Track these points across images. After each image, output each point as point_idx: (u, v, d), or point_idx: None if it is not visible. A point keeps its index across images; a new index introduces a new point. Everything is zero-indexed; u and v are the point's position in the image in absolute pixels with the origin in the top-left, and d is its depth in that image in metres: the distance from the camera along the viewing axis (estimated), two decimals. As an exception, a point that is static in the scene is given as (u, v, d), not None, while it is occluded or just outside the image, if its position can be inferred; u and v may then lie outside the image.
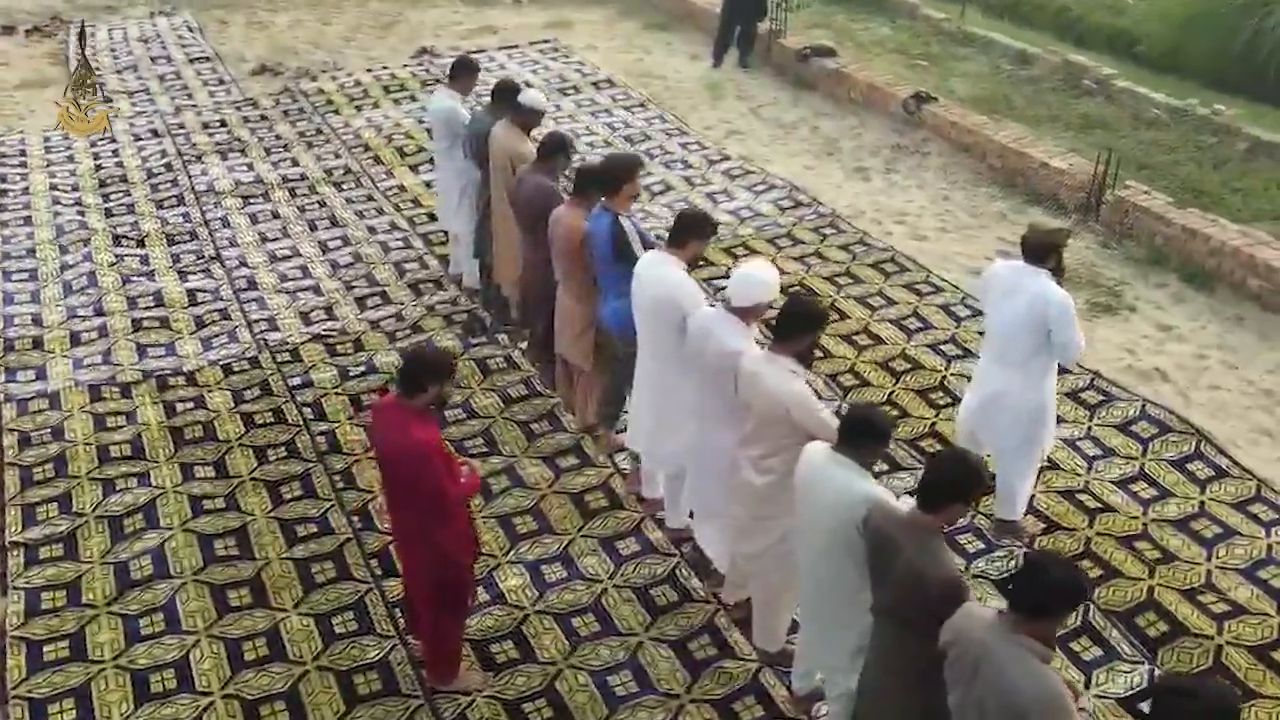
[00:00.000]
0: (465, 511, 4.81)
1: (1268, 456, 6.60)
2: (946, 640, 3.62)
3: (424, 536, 4.62)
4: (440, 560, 4.68)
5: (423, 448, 4.44)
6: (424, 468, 4.45)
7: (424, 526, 4.60)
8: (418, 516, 4.59)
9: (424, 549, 4.66)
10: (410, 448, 4.44)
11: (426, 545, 4.64)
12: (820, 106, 11.54)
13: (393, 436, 4.50)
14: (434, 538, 4.63)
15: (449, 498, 4.57)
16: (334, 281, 8.47)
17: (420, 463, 4.45)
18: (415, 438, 4.45)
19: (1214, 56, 14.14)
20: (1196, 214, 8.63)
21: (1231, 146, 10.87)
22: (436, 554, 4.66)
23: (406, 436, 4.45)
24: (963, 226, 9.15)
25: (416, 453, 4.43)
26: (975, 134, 10.12)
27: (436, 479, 4.49)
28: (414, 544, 4.69)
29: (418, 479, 4.47)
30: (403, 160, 10.46)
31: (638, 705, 5.04)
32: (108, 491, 6.28)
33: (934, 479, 3.81)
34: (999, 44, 13.57)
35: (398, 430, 4.48)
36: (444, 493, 4.54)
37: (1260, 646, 5.30)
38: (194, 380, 7.30)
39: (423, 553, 4.67)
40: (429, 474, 4.47)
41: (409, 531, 4.68)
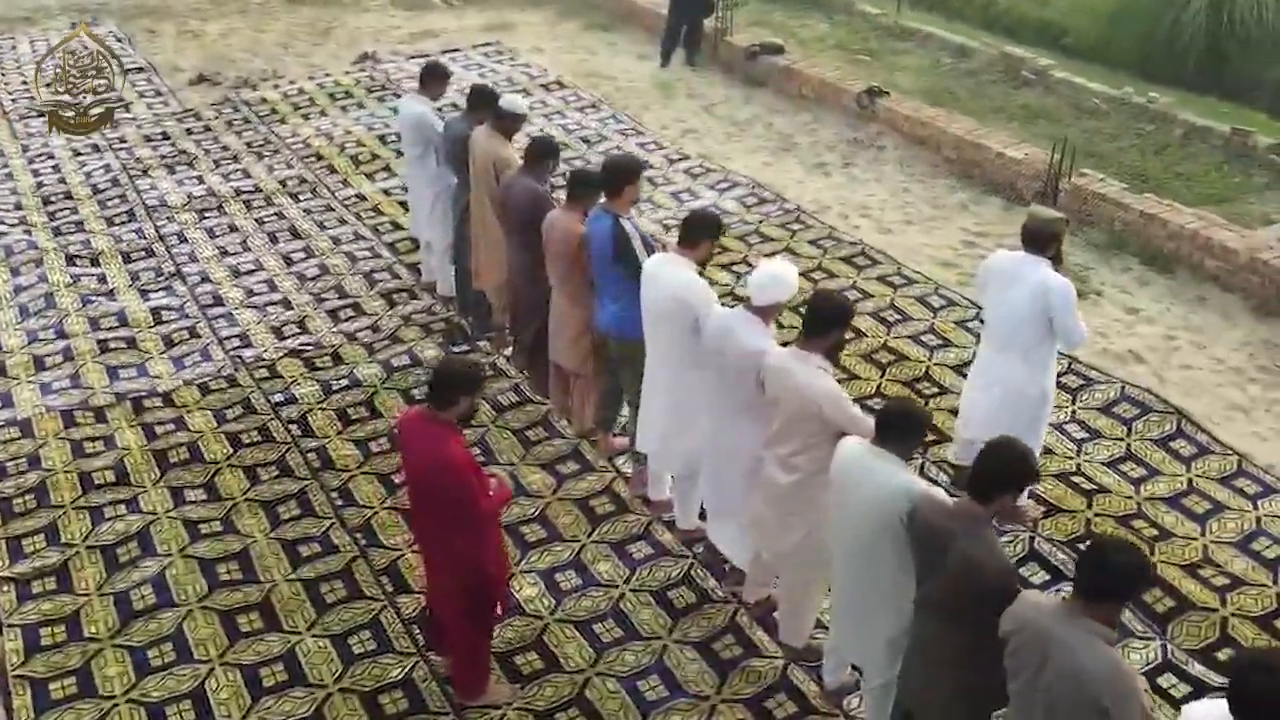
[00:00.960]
0: (497, 524, 4.75)
1: (1243, 432, 6.82)
2: (1009, 629, 3.67)
3: (455, 550, 4.56)
4: (472, 573, 4.62)
5: (455, 461, 4.38)
6: (456, 481, 4.39)
7: (455, 540, 4.53)
8: (449, 530, 4.52)
9: (456, 562, 4.59)
10: (443, 461, 4.37)
11: (458, 558, 4.58)
12: (772, 103, 11.63)
13: (423, 450, 4.43)
14: (466, 551, 4.57)
15: (482, 511, 4.52)
16: (303, 295, 8.29)
17: (452, 476, 4.38)
18: (447, 451, 4.39)
19: (1138, 46, 14.60)
20: (1153, 199, 8.89)
21: (1169, 133, 11.22)
22: (468, 567, 4.60)
23: (438, 450, 4.38)
24: (926, 218, 9.30)
25: (449, 466, 4.37)
26: (929, 126, 10.29)
27: (469, 492, 4.43)
28: (445, 557, 4.62)
29: (450, 493, 4.41)
30: (358, 169, 10.28)
31: (670, 709, 5.02)
32: (96, 520, 6.07)
33: (986, 469, 3.86)
34: (937, 38, 13.81)
35: (428, 444, 4.41)
36: (477, 506, 4.48)
37: (1264, 616, 5.47)
38: (171, 401, 7.09)
39: (454, 566, 4.61)
40: (461, 487, 4.41)
41: (439, 545, 4.61)
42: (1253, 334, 7.77)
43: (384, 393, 7.13)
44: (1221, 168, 10.49)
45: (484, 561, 4.65)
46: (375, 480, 6.40)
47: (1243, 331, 7.80)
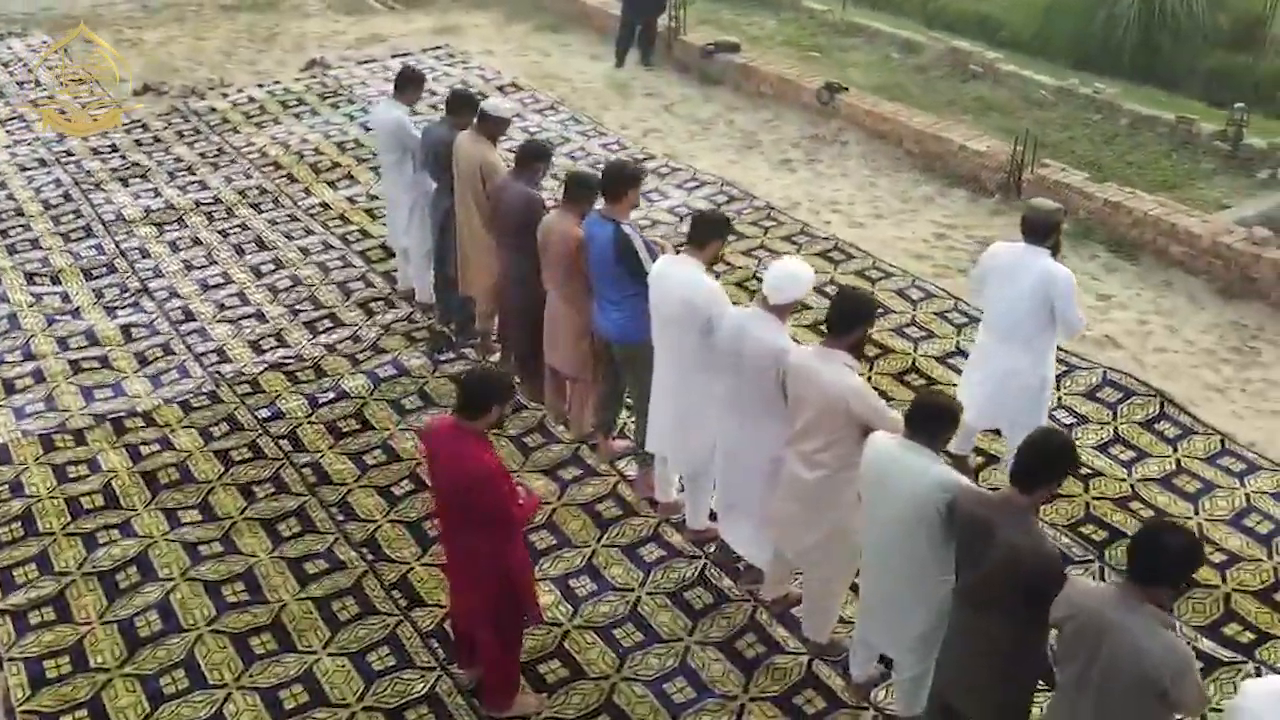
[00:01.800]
0: (523, 532, 4.71)
1: (1222, 411, 7.01)
2: (1062, 615, 3.72)
3: (489, 560, 4.51)
4: (505, 583, 4.58)
5: (489, 471, 4.33)
6: (490, 491, 4.34)
7: (490, 550, 4.49)
8: (483, 540, 4.47)
9: (487, 572, 4.54)
10: (476, 472, 4.32)
11: (490, 568, 4.53)
12: (731, 101, 11.68)
13: (455, 461, 4.37)
14: (499, 561, 4.53)
15: (515, 519, 4.48)
16: (278, 307, 8.13)
17: (486, 486, 4.33)
18: (480, 461, 4.34)
19: (1074, 38, 14.92)
20: (1114, 187, 9.10)
21: (1116, 122, 11.51)
22: (502, 577, 4.56)
23: (470, 460, 4.33)
24: (895, 212, 9.41)
25: (482, 476, 4.32)
26: (890, 121, 10.41)
27: (504, 502, 4.39)
28: (476, 568, 4.55)
29: (485, 502, 4.36)
30: (319, 177, 10.11)
31: (700, 710, 5.02)
32: (90, 546, 5.89)
33: (1030, 460, 3.91)
34: (884, 33, 13.99)
35: (460, 454, 4.35)
36: (510, 515, 4.44)
37: (1263, 590, 5.63)
38: (152, 420, 6.91)
39: (486, 576, 4.55)
40: (495, 497, 4.36)
41: (472, 556, 4.54)
42: (1220, 316, 7.99)
43: (373, 404, 7.02)
44: (1170, 155, 10.78)
45: (515, 570, 4.61)
46: (375, 493, 6.30)
47: (1210, 314, 8.02)
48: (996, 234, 8.99)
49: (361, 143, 10.70)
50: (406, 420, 6.88)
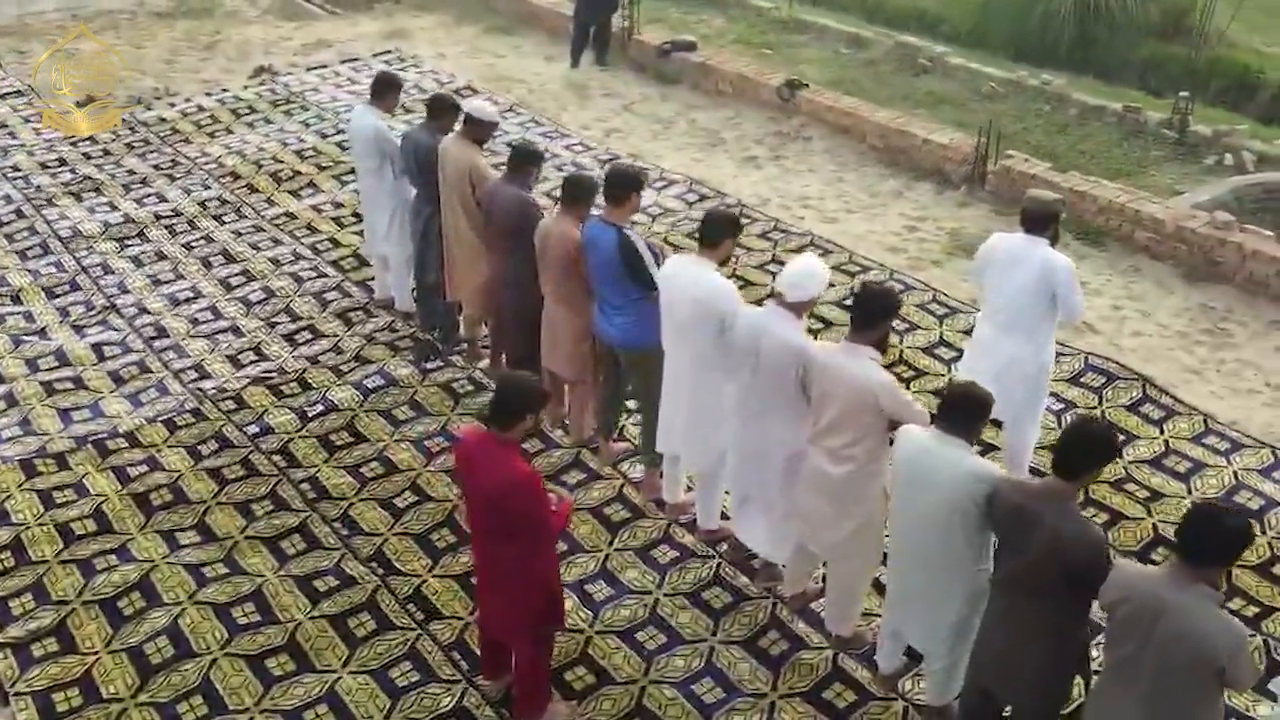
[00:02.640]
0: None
1: (1202, 392, 7.20)
2: (1114, 598, 3.79)
3: (527, 569, 4.47)
4: (541, 592, 4.55)
5: (528, 480, 4.29)
6: (529, 501, 4.30)
7: (527, 559, 4.45)
8: (521, 550, 4.42)
9: (526, 581, 4.50)
10: (514, 481, 4.27)
11: (529, 577, 4.49)
12: (691, 99, 11.71)
13: (493, 471, 4.30)
14: (536, 570, 4.49)
15: (553, 528, 4.44)
16: (253, 320, 7.97)
17: (525, 496, 4.29)
18: (519, 470, 4.30)
19: (1013, 32, 15.23)
20: (1078, 176, 9.30)
21: (1065, 113, 11.76)
22: (538, 586, 4.53)
23: (508, 470, 4.28)
24: (865, 206, 9.51)
25: (521, 486, 4.28)
26: (853, 116, 10.52)
27: (543, 511, 4.36)
28: (515, 577, 4.50)
29: (524, 512, 4.31)
30: (280, 186, 9.92)
31: (731, 710, 5.02)
32: (87, 573, 5.71)
33: (1073, 448, 3.98)
34: (831, 29, 14.14)
35: (497, 464, 4.30)
36: (548, 523, 4.40)
37: (1261, 565, 5.79)
38: (137, 441, 6.72)
39: (524, 586, 4.51)
40: (534, 507, 4.33)
41: (509, 565, 4.48)
42: (1188, 299, 8.21)
43: (364, 416, 6.91)
44: (1120, 144, 11.05)
45: (551, 579, 4.58)
46: (377, 506, 6.20)
47: (1179, 298, 8.23)
48: (965, 225, 9.19)
49: (320, 150, 10.53)
50: (400, 430, 6.78)
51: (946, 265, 8.53)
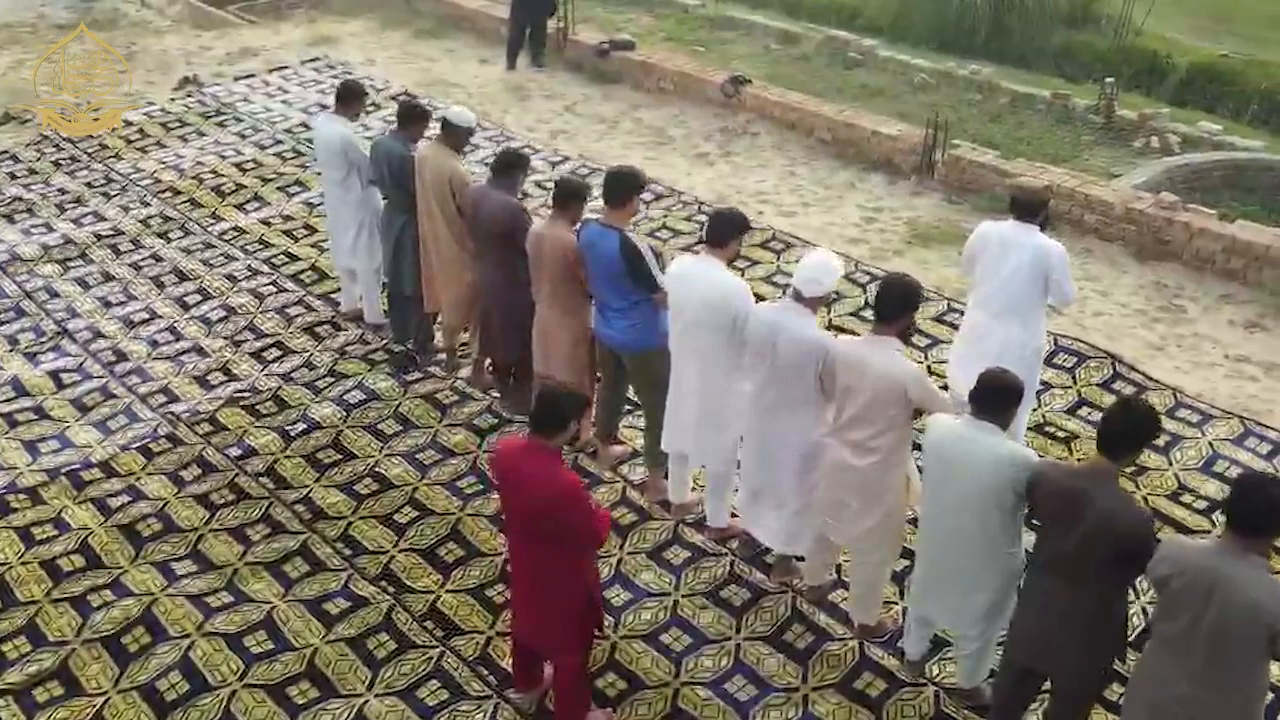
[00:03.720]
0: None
1: (1167, 367, 7.45)
2: (1167, 572, 3.88)
3: (572, 577, 4.44)
4: (584, 597, 4.53)
5: (574, 488, 4.26)
6: (578, 507, 4.27)
7: (573, 567, 4.42)
8: (566, 558, 4.39)
9: (570, 589, 4.47)
10: (561, 489, 4.23)
11: (575, 585, 4.47)
12: (633, 98, 11.70)
13: (537, 479, 4.25)
14: (582, 577, 4.48)
15: (599, 535, 4.41)
16: (215, 339, 7.72)
17: (573, 504, 4.25)
18: (564, 478, 4.27)
19: (933, 23, 15.56)
20: (1024, 162, 9.54)
21: (996, 101, 12.07)
22: (581, 592, 4.52)
23: (554, 479, 4.24)
24: (821, 199, 9.62)
25: (568, 494, 4.24)
26: (800, 110, 10.63)
27: (589, 518, 4.32)
28: (559, 586, 4.45)
29: (571, 519, 4.27)
30: (224, 200, 9.63)
31: (766, 706, 5.04)
32: (84, 611, 5.48)
33: (1119, 428, 4.08)
34: (758, 25, 14.27)
35: (540, 473, 4.25)
36: (595, 531, 4.37)
37: (1248, 530, 6.01)
38: (113, 470, 6.47)
39: (569, 593, 4.48)
40: (582, 514, 4.29)
41: (553, 575, 4.43)
42: (1142, 278, 8.49)
43: (349, 432, 6.76)
44: (1053, 130, 11.39)
45: (593, 584, 4.55)
46: (378, 524, 6.07)
47: (1133, 277, 8.50)
48: (920, 215, 9.36)
49: (261, 162, 10.26)
50: (390, 445, 6.65)
51: (908, 255, 8.67)
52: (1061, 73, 14.48)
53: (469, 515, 6.09)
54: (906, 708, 5.02)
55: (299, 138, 10.73)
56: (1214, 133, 11.15)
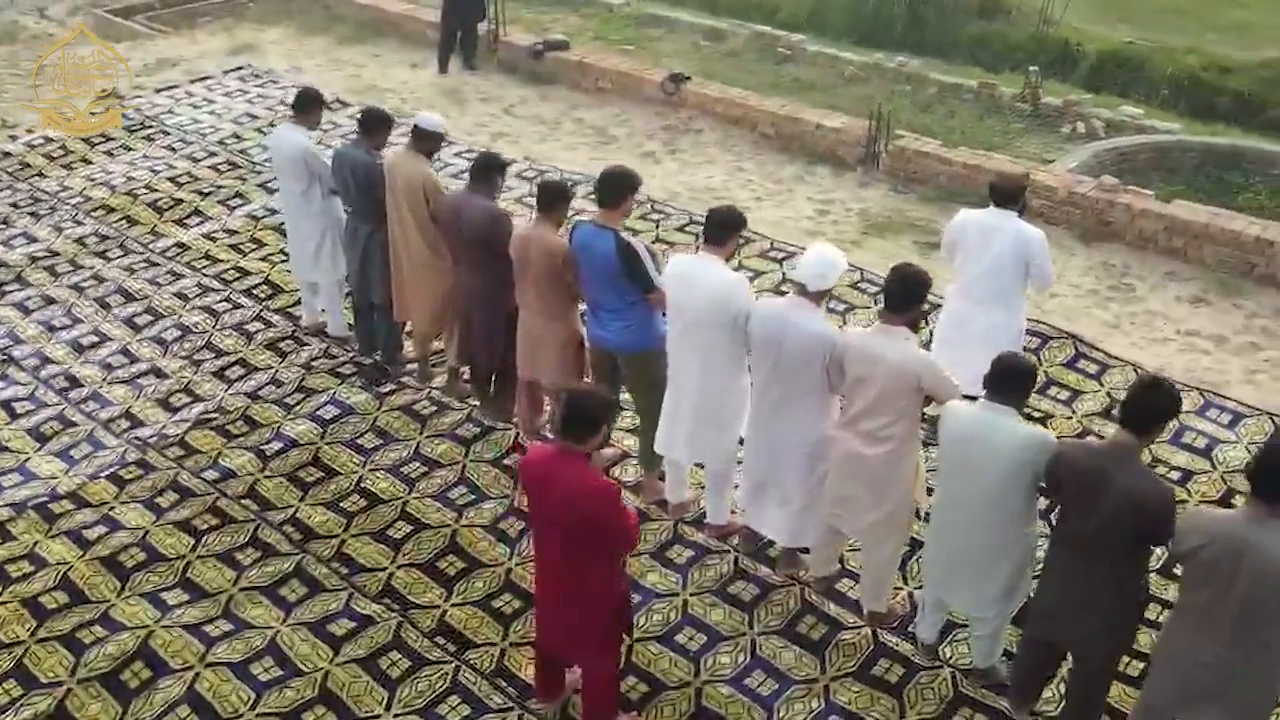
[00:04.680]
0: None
1: (1124, 344, 7.68)
2: (1195, 544, 4.00)
3: (607, 582, 4.42)
4: (617, 599, 4.51)
5: (611, 490, 4.23)
6: (614, 511, 4.24)
7: (607, 572, 4.40)
8: (603, 563, 4.36)
9: (607, 594, 4.44)
10: (598, 494, 4.20)
11: (610, 590, 4.45)
12: (571, 98, 11.64)
13: (572, 485, 4.19)
14: (615, 582, 4.46)
15: (634, 539, 4.39)
16: (173, 360, 7.48)
17: (609, 507, 4.22)
18: (600, 483, 4.25)
19: (850, 18, 15.83)
20: (968, 150, 9.75)
21: (925, 92, 12.31)
22: (615, 594, 4.49)
23: (588, 483, 4.21)
24: (771, 193, 9.69)
25: (605, 497, 4.21)
26: (742, 105, 10.70)
27: (625, 521, 4.30)
28: (593, 591, 4.40)
29: (608, 524, 4.23)
30: (162, 217, 9.32)
31: (789, 699, 5.06)
32: (75, 649, 5.25)
33: (1144, 405, 4.19)
34: (683, 22, 14.33)
35: (576, 478, 4.20)
36: (630, 534, 4.35)
37: (1222, 499, 6.23)
38: (83, 500, 6.22)
39: (603, 597, 4.44)
40: (618, 516, 4.27)
41: (588, 580, 4.38)
42: (1090, 259, 8.74)
43: (329, 449, 6.60)
44: (983, 119, 11.66)
45: (625, 586, 4.54)
46: (371, 540, 5.94)
47: (1081, 259, 8.75)
48: (870, 205, 9.51)
49: (196, 175, 9.95)
50: (372, 459, 6.51)
51: (866, 245, 8.79)
52: (977, 62, 14.81)
53: (464, 526, 6.00)
54: (926, 691, 5.09)
55: (232, 149, 10.45)
56: (1136, 116, 11.54)
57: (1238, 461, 6.41)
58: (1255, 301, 8.19)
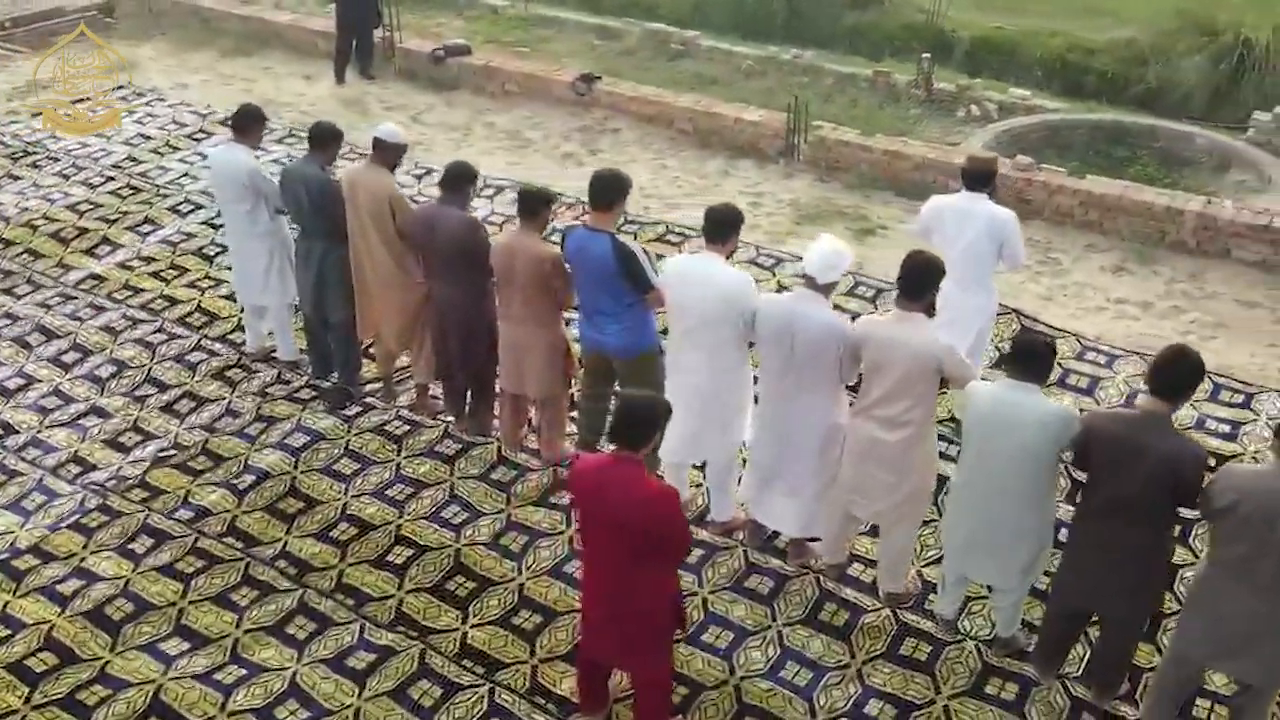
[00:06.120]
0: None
1: (1061, 315, 8.02)
2: (1231, 501, 4.19)
3: (662, 587, 4.41)
4: (672, 602, 4.50)
5: (673, 496, 4.21)
6: (674, 515, 4.22)
7: (664, 578, 4.40)
8: (661, 569, 4.35)
9: (662, 600, 4.42)
10: (660, 499, 4.18)
11: (666, 596, 4.43)
12: (477, 104, 11.47)
13: (628, 492, 4.15)
14: (671, 587, 4.44)
15: (689, 543, 4.37)
16: (114, 397, 7.08)
17: (669, 511, 4.20)
18: (658, 488, 4.23)
19: (729, 10, 16.03)
20: (884, 138, 10.00)
21: (822, 83, 12.56)
22: (670, 597, 4.47)
23: (647, 489, 4.19)
24: (700, 189, 9.75)
25: (667, 503, 4.19)
26: (657, 103, 10.73)
27: (684, 525, 4.28)
28: (648, 594, 4.37)
29: (669, 529, 4.21)
30: (68, 248, 8.80)
31: (825, 686, 5.11)
32: (78, 712, 4.93)
33: (1173, 374, 4.37)
34: (572, 22, 14.28)
35: (632, 485, 4.16)
36: (688, 538, 4.34)
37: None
38: (47, 554, 5.84)
39: (661, 604, 4.43)
40: (679, 521, 4.25)
41: (644, 585, 4.34)
42: (1014, 236, 9.07)
43: (304, 478, 6.35)
44: (882, 107, 11.97)
45: (679, 587, 4.53)
46: (371, 568, 5.74)
47: (1005, 236, 9.07)
48: (799, 196, 9.67)
49: (98, 202, 9.43)
50: (354, 485, 6.29)
51: (802, 235, 8.91)
52: (857, 52, 15.21)
53: (466, 545, 5.86)
54: (955, 665, 5.21)
55: (131, 173, 9.94)
56: (1025, 98, 12.02)
57: (1189, 420, 6.74)
58: (1170, 267, 8.66)
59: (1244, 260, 8.60)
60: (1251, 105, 12.23)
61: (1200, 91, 13.10)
